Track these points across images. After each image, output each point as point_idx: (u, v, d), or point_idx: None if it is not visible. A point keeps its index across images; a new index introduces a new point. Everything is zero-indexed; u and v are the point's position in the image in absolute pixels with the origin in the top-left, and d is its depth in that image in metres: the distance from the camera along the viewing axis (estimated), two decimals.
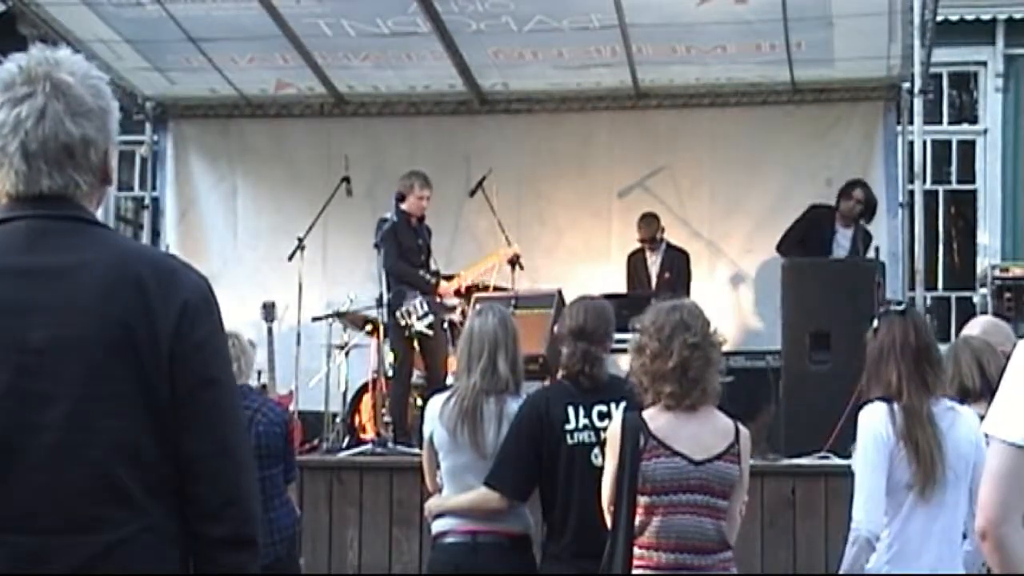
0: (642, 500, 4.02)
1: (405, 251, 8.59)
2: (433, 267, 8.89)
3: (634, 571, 4.02)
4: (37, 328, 2.06)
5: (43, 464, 2.05)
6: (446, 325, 8.55)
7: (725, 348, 4.53)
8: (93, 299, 2.07)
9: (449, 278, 8.81)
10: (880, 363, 4.12)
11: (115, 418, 2.06)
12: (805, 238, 9.18)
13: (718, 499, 4.06)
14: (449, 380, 6.89)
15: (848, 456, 4.37)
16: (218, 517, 2.09)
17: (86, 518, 2.05)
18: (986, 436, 2.45)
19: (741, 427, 4.19)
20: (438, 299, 8.59)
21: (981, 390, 4.36)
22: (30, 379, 2.05)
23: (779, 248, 9.29)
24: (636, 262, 9.83)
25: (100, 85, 2.19)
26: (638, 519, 4.03)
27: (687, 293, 9.07)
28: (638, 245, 9.81)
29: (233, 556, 2.10)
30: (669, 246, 9.78)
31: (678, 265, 9.70)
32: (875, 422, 4.01)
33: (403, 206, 8.65)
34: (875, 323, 4.23)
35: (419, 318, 8.31)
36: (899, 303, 4.25)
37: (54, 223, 2.14)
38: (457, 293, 8.67)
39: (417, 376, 8.70)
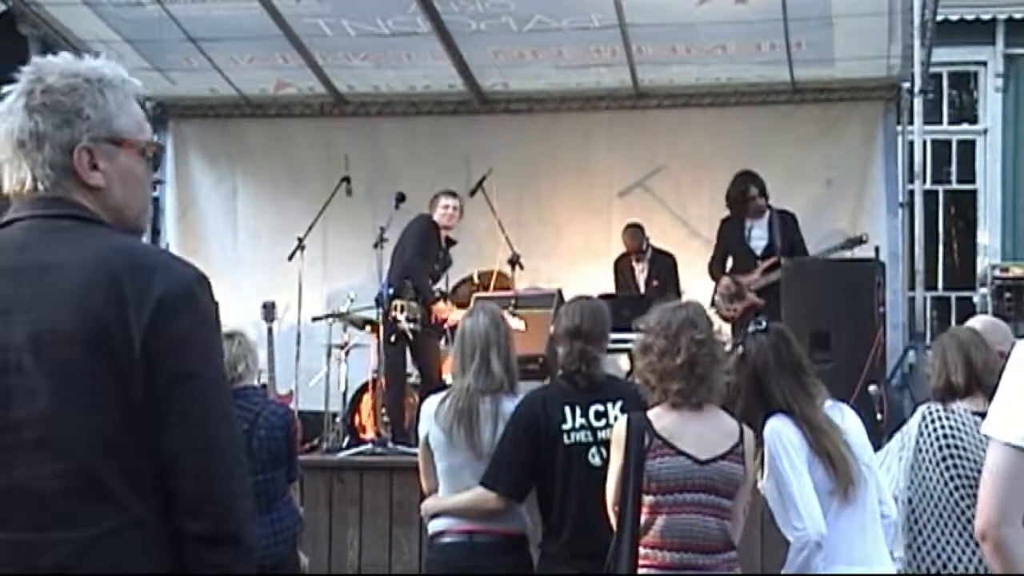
0: (647, 499, 4.03)
1: (425, 253, 8.60)
2: (441, 286, 8.90)
3: (639, 570, 4.03)
4: (20, 325, 2.09)
5: (24, 460, 2.07)
6: (446, 327, 8.55)
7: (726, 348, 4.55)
8: (71, 296, 2.09)
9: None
10: (760, 384, 4.18)
11: (92, 414, 2.07)
12: (728, 252, 9.24)
13: (723, 499, 4.06)
14: (448, 380, 6.90)
15: None
16: (195, 514, 2.08)
17: (66, 514, 2.06)
18: (986, 437, 2.45)
19: (746, 428, 4.20)
20: (432, 316, 8.55)
21: (967, 385, 4.36)
22: (12, 376, 2.09)
23: (709, 272, 9.33)
24: (623, 268, 9.81)
25: (77, 83, 2.20)
26: (643, 518, 4.04)
27: (678, 296, 9.07)
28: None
29: (213, 554, 2.08)
30: (655, 251, 9.78)
31: (665, 270, 9.69)
32: (786, 432, 4.08)
33: (435, 218, 8.70)
34: (740, 348, 4.28)
35: (408, 320, 8.29)
36: (759, 322, 4.31)
37: (50, 222, 2.18)
38: (442, 322, 8.61)
39: (415, 377, 8.70)
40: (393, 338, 8.29)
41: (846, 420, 4.22)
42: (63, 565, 2.05)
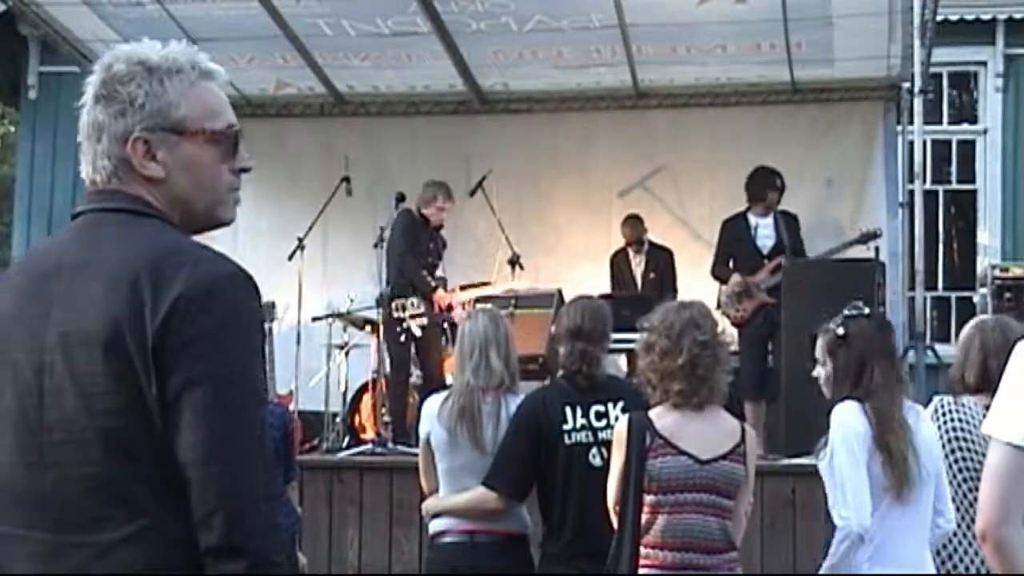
0: (648, 499, 4.03)
1: (414, 247, 8.59)
2: (440, 274, 8.88)
3: (640, 570, 4.03)
4: (54, 325, 2.06)
5: (54, 461, 2.05)
6: (446, 325, 8.55)
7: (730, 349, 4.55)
8: (96, 295, 2.05)
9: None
10: (862, 367, 4.10)
11: (111, 417, 2.03)
12: (731, 253, 9.21)
13: (724, 499, 4.07)
14: (448, 380, 6.90)
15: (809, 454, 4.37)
16: (206, 525, 2.00)
17: (89, 517, 2.03)
18: (988, 437, 2.45)
19: (747, 428, 4.20)
20: (435, 307, 8.56)
21: (978, 384, 4.37)
22: (46, 377, 2.06)
23: (712, 274, 9.27)
24: (619, 262, 9.83)
25: (136, 71, 2.15)
26: (644, 518, 4.04)
27: (674, 292, 9.09)
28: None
29: (223, 566, 1.99)
30: (652, 245, 9.79)
31: (663, 264, 9.71)
32: (851, 420, 4.01)
33: (424, 210, 8.67)
34: (840, 329, 4.19)
35: (413, 316, 8.31)
36: (858, 306, 4.25)
37: (102, 216, 2.15)
38: (447, 308, 8.61)
39: (416, 376, 8.70)
40: (404, 338, 8.31)
41: (920, 423, 4.13)
42: (82, 568, 2.02)
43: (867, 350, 4.11)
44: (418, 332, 8.32)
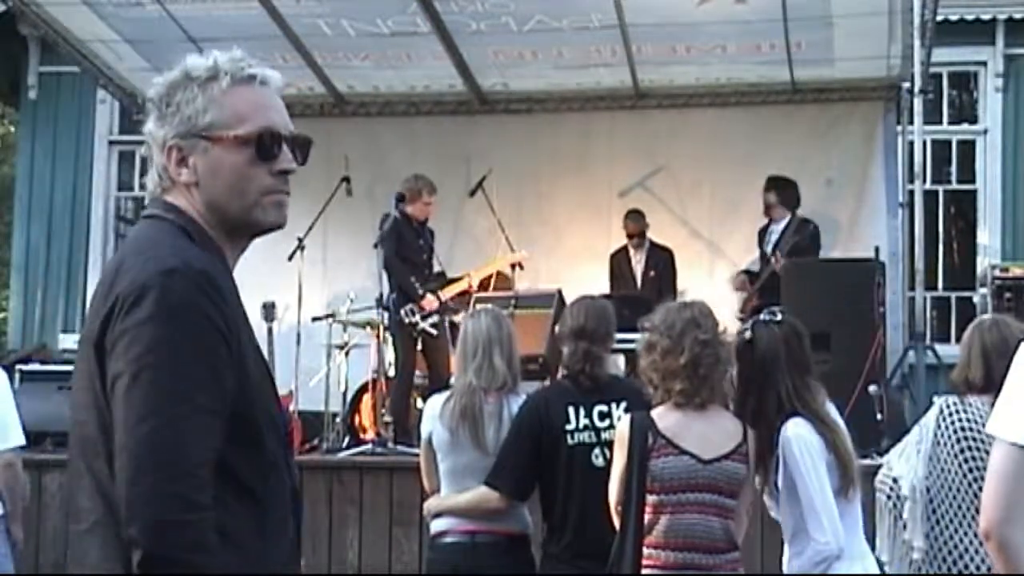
0: (650, 499, 4.03)
1: (405, 249, 8.58)
2: (437, 268, 8.88)
3: (642, 570, 4.02)
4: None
5: (73, 456, 2.18)
6: (447, 324, 8.56)
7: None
8: (94, 299, 2.16)
9: (453, 281, 8.81)
10: (765, 375, 4.08)
11: (83, 412, 2.12)
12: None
13: (726, 498, 4.06)
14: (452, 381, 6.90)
15: None
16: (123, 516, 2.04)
17: (77, 508, 2.14)
18: (990, 436, 2.45)
19: (749, 427, 4.20)
20: (447, 301, 8.58)
21: (983, 385, 4.37)
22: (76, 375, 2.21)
23: None
24: (620, 261, 9.87)
25: (176, 80, 2.24)
26: (646, 518, 4.03)
27: (673, 291, 9.12)
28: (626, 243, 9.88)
29: (136, 557, 2.01)
30: (653, 244, 9.81)
31: (663, 263, 9.73)
32: (808, 437, 3.99)
33: (408, 209, 8.65)
34: (747, 333, 4.16)
35: (424, 317, 8.33)
36: (773, 312, 4.23)
37: (143, 221, 2.26)
38: (464, 294, 8.66)
39: (418, 376, 8.70)
40: (418, 341, 8.37)
41: (839, 419, 4.16)
42: (73, 555, 2.14)
43: (773, 359, 4.08)
44: (434, 332, 8.36)
